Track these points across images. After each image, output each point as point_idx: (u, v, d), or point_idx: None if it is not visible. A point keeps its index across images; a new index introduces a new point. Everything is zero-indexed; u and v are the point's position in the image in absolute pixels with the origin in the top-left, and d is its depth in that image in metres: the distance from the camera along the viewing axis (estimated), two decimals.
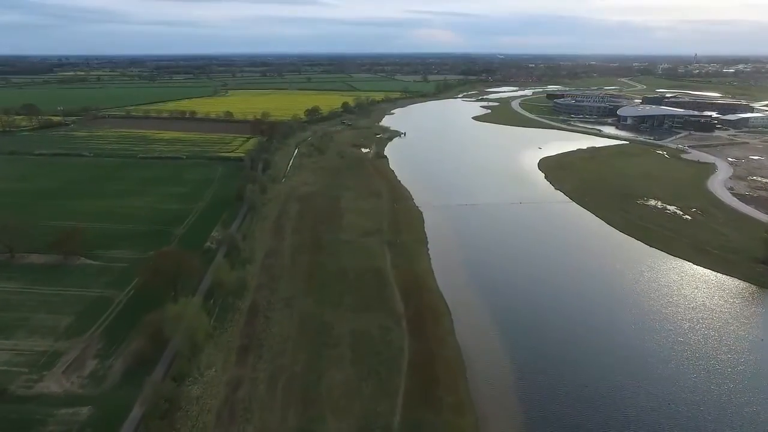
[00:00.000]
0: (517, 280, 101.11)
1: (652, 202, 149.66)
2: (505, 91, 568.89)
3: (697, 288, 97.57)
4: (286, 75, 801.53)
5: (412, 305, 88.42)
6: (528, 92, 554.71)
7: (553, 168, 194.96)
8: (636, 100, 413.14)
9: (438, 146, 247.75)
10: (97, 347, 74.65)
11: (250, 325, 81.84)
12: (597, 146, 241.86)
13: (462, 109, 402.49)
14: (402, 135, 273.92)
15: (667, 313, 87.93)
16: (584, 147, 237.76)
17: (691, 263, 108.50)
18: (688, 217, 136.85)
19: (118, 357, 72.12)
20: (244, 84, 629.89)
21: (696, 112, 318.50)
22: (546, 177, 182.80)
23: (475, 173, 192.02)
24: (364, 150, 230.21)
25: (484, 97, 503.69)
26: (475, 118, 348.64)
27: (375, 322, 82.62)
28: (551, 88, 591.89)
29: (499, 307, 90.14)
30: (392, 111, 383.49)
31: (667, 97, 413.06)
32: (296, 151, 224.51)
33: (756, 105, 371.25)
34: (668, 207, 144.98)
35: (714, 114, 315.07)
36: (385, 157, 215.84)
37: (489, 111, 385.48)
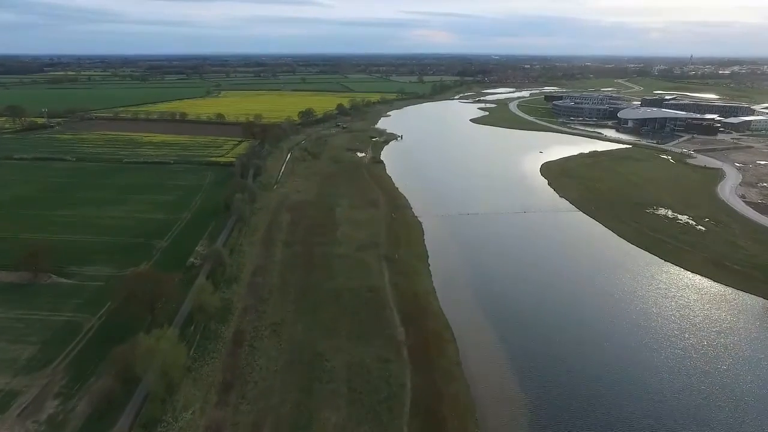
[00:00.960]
0: (525, 300, 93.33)
1: (663, 211, 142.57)
2: (501, 93, 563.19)
3: (720, 309, 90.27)
4: (281, 75, 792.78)
5: (414, 331, 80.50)
6: (525, 94, 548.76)
7: (556, 173, 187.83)
8: (635, 102, 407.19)
9: (436, 150, 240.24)
10: (60, 384, 66.17)
11: (234, 356, 73.62)
12: (599, 150, 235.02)
13: (459, 111, 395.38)
14: (399, 138, 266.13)
15: (691, 338, 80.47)
16: (586, 151, 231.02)
17: (710, 280, 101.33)
18: (701, 227, 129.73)
19: (82, 397, 63.70)
20: (238, 85, 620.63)
21: (697, 115, 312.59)
22: (549, 183, 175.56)
23: (476, 179, 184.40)
24: (359, 154, 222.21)
25: (481, 98, 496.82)
26: (473, 120, 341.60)
27: (373, 351, 74.64)
28: (548, 89, 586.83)
29: (508, 331, 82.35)
30: (388, 113, 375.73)
31: (667, 99, 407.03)
32: (289, 156, 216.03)
33: (756, 107, 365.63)
34: (680, 217, 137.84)
35: (716, 117, 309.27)
36: (382, 162, 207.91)
37: (487, 113, 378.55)
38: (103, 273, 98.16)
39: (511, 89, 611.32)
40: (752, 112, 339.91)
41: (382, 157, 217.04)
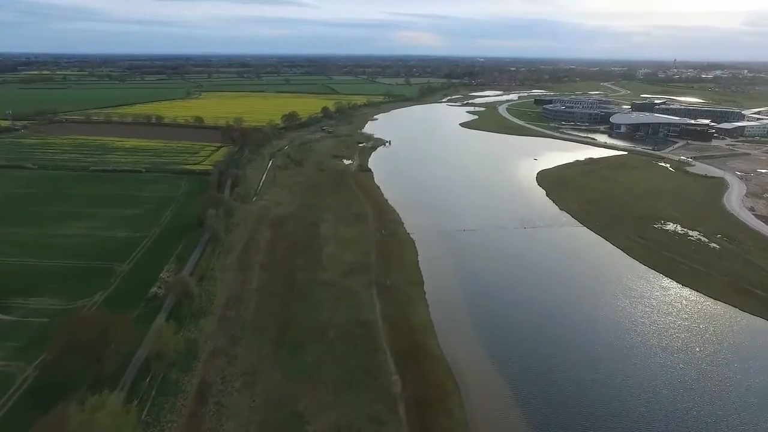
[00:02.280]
0: (534, 337, 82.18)
1: (671, 226, 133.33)
2: (489, 96, 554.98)
3: (754, 344, 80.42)
4: (264, 76, 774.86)
5: (411, 379, 68.98)
6: (513, 96, 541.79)
7: (554, 183, 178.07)
8: (625, 107, 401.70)
9: (426, 157, 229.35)
10: None
11: (196, 418, 61.29)
12: (595, 157, 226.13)
13: (448, 115, 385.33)
14: (387, 144, 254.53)
15: (730, 381, 70.31)
16: (581, 158, 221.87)
17: (735, 308, 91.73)
18: (715, 245, 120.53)
19: None
20: (220, 86, 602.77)
21: (691, 120, 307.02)
22: (547, 194, 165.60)
23: (470, 190, 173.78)
24: (345, 161, 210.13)
25: (469, 101, 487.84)
26: (463, 124, 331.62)
27: (363, 408, 62.94)
28: (536, 92, 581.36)
29: (517, 375, 71.29)
30: (375, 116, 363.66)
31: (657, 104, 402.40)
32: (270, 163, 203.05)
33: (747, 112, 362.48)
34: (690, 233, 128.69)
35: (709, 122, 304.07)
36: (369, 170, 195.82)
37: (476, 117, 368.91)
38: (49, 306, 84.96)
39: (499, 92, 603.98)
40: (743, 117, 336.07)
41: (369, 165, 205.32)
